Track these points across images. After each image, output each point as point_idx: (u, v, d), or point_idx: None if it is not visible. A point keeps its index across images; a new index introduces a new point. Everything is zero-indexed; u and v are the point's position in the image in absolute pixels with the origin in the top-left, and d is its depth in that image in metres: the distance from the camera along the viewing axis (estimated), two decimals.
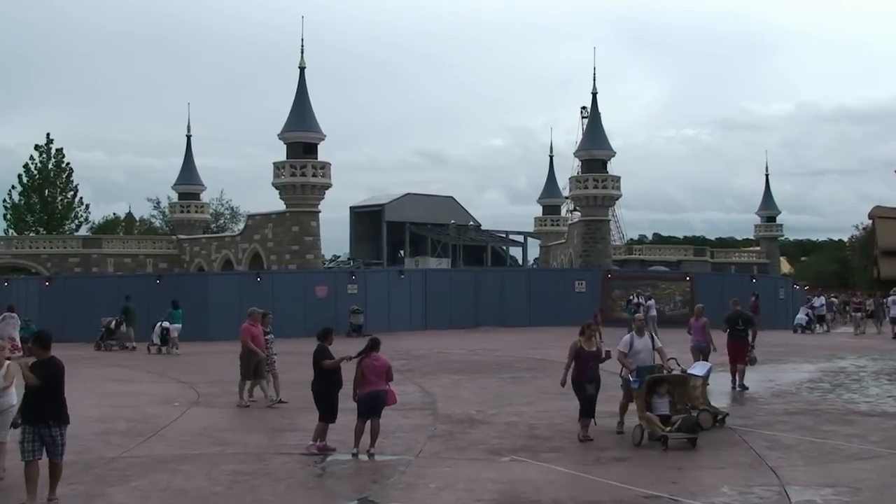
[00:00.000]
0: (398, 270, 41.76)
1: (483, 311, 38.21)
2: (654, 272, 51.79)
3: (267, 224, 51.87)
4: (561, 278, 40.63)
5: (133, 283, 35.58)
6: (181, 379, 20.32)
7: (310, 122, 49.58)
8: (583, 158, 58.07)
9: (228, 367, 23.04)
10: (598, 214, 56.40)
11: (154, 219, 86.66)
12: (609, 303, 38.54)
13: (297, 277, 36.81)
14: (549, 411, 15.20)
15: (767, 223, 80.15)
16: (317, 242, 50.14)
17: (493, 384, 19.02)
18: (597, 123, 57.22)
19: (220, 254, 55.93)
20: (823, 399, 16.47)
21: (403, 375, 20.04)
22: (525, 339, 31.30)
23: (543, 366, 22.67)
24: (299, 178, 48.64)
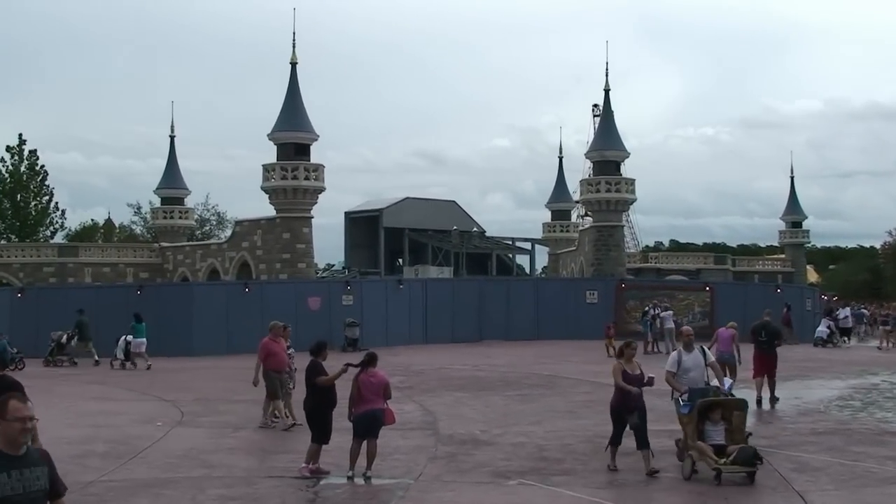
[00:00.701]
0: (397, 280, 41.76)
1: (488, 324, 38.18)
2: (672, 282, 51.74)
3: (256, 231, 51.90)
4: (571, 288, 40.62)
5: (112, 294, 35.60)
6: (164, 397, 20.31)
7: (302, 121, 49.64)
8: (594, 160, 58.12)
9: (214, 384, 23.10)
10: (610, 220, 56.41)
11: (135, 225, 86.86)
12: (623, 315, 38.51)
13: (289, 288, 36.81)
14: (559, 431, 15.16)
15: (793, 229, 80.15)
16: (309, 250, 50.14)
17: (499, 402, 18.99)
18: (609, 122, 57.27)
19: (206, 263, 55.94)
20: (854, 418, 16.43)
21: (402, 393, 20.02)
22: (533, 354, 31.25)
23: (552, 382, 22.64)
24: (290, 181, 48.67)
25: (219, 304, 33.22)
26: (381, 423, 11.49)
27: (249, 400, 19.70)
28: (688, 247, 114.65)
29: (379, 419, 11.44)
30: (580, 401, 19.04)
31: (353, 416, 11.46)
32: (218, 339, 32.54)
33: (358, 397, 11.38)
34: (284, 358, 15.97)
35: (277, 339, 15.92)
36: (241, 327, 33.05)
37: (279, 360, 15.85)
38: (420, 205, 76.28)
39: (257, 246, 51.36)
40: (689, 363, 12.04)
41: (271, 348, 15.75)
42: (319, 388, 11.73)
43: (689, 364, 12.03)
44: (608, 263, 55.00)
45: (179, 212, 65.38)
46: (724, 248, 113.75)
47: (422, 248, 75.90)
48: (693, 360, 12.09)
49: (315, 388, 11.77)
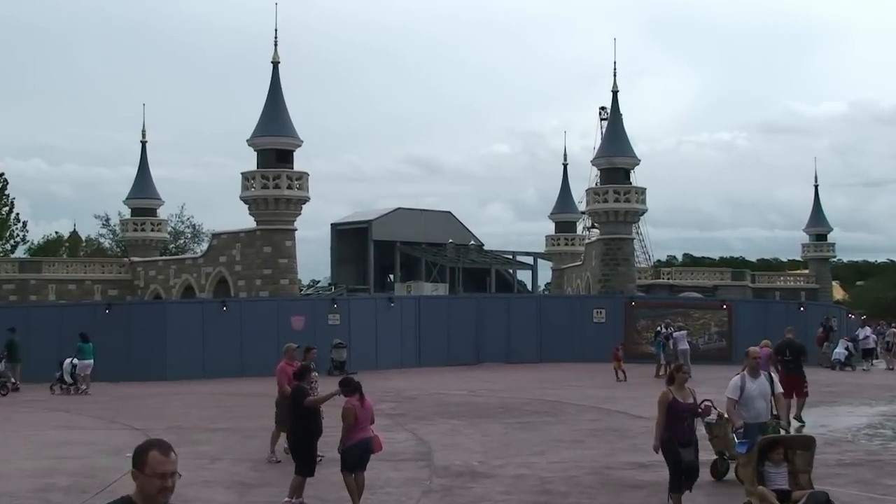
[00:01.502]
0: (387, 298, 41.73)
1: (486, 345, 38.18)
2: (686, 299, 51.77)
3: (234, 244, 51.89)
4: (577, 306, 40.64)
5: (78, 312, 35.55)
6: (134, 425, 20.23)
7: (284, 125, 49.72)
8: (602, 167, 58.22)
9: (189, 411, 23.05)
10: (619, 232, 56.51)
11: (103, 238, 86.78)
12: (633, 335, 38.53)
13: (270, 306, 36.78)
14: (564, 462, 15.13)
15: (817, 242, 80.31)
16: (292, 265, 50.12)
17: (499, 430, 18.96)
18: (618, 126, 57.45)
19: (180, 279, 55.88)
20: (885, 448, 16.42)
21: (393, 420, 19.97)
22: (535, 378, 31.21)
23: (557, 409, 22.61)
24: (272, 190, 48.70)
25: (194, 324, 33.17)
26: (371, 452, 11.51)
27: (227, 429, 19.67)
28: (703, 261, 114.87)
29: (370, 449, 11.47)
30: (587, 429, 19.01)
31: (345, 447, 11.40)
32: (193, 362, 32.49)
33: (354, 426, 11.37)
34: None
35: (293, 363, 15.42)
36: (219, 349, 33.03)
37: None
38: (413, 216, 76.39)
39: (236, 261, 51.32)
40: (755, 391, 11.07)
41: (290, 374, 14.93)
42: (307, 416, 11.69)
43: (755, 392, 11.09)
44: (617, 279, 55.03)
45: (151, 224, 65.37)
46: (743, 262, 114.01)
47: (415, 262, 75.94)
48: (759, 387, 11.13)
49: (302, 415, 11.73)
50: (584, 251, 65.06)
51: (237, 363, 33.08)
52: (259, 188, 48.86)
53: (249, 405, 24.21)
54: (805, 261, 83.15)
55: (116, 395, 27.29)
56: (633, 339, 38.17)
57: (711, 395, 14.97)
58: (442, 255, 72.97)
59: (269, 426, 16.90)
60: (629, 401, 23.99)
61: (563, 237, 74.29)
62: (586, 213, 66.37)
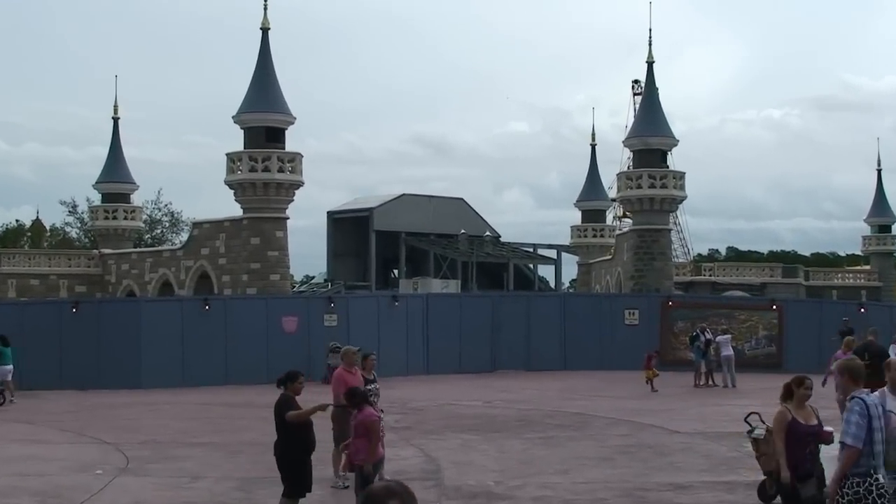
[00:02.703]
0: (391, 296, 41.75)
1: (503, 350, 38.16)
2: (731, 299, 51.62)
3: (218, 234, 51.95)
4: (606, 306, 40.59)
5: (42, 311, 35.63)
6: (104, 439, 20.32)
7: (275, 100, 49.73)
8: (635, 148, 58.08)
9: (167, 423, 23.11)
10: (655, 222, 56.38)
11: (70, 228, 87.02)
12: (670, 339, 38.46)
13: (258, 305, 36.84)
14: (591, 483, 15.15)
15: (880, 234, 79.98)
16: (284, 259, 50.18)
17: (517, 447, 18.98)
18: (654, 102, 57.30)
19: (157, 273, 56.00)
20: None
21: (398, 434, 20.00)
22: (559, 388, 31.21)
23: (583, 422, 22.61)
24: (261, 173, 48.72)
25: (172, 325, 33.23)
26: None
27: (210, 443, 19.73)
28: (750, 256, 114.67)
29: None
30: (617, 445, 19.01)
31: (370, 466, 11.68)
32: (171, 368, 32.56)
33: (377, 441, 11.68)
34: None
35: (352, 370, 15.41)
36: (200, 354, 33.10)
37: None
38: (420, 203, 76.34)
39: (220, 253, 51.40)
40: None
41: (349, 381, 14.76)
42: (293, 428, 11.72)
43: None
44: (652, 276, 54.93)
45: (124, 211, 65.48)
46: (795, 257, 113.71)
47: (422, 256, 75.93)
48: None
49: (287, 428, 11.76)
50: (615, 244, 64.98)
51: (221, 369, 33.13)
52: (246, 171, 48.88)
53: (235, 416, 24.26)
54: (866, 255, 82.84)
55: (85, 405, 27.39)
56: (669, 343, 38.09)
57: (759, 407, 14.97)
58: (453, 247, 72.91)
59: (255, 440, 16.97)
60: (665, 413, 23.97)
61: (591, 228, 74.15)
62: (617, 200, 66.30)
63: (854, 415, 8.35)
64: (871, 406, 8.39)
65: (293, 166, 49.60)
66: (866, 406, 8.37)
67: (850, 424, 8.31)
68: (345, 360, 15.72)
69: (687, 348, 35.31)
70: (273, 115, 49.47)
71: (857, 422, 8.30)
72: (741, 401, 25.14)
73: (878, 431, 8.37)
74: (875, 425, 8.34)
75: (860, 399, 8.44)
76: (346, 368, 15.46)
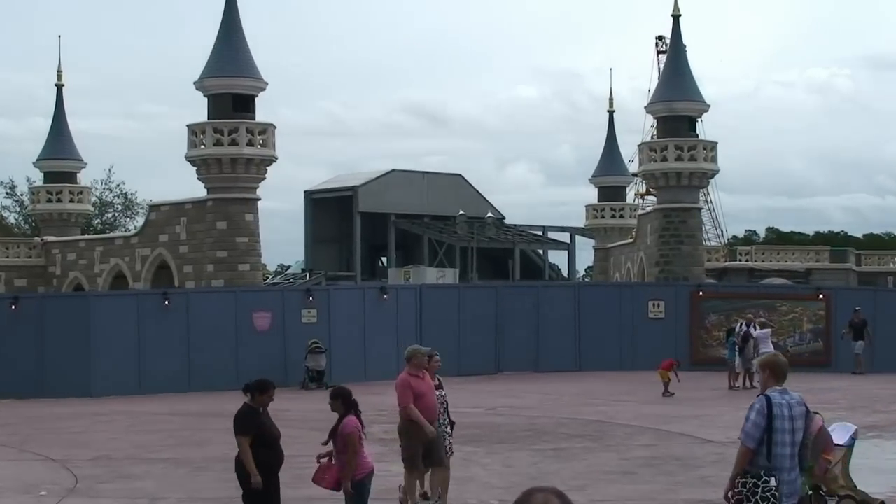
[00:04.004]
0: (379, 288, 41.75)
1: (509, 349, 38.18)
2: (771, 287, 51.68)
3: (178, 219, 51.90)
4: (627, 298, 40.61)
5: None
6: (50, 455, 20.33)
7: (243, 63, 49.62)
8: (659, 115, 58.04)
9: (122, 437, 23.11)
10: (683, 200, 56.37)
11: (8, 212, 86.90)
12: (701, 334, 38.50)
13: (226, 300, 36.82)
14: (611, 500, 15.20)
15: None
16: (255, 246, 50.15)
17: (525, 460, 19.01)
18: (680, 62, 57.20)
19: (108, 264, 55.96)
20: None
21: (388, 447, 19.99)
22: (573, 391, 31.25)
23: (601, 431, 22.65)
24: (227, 147, 48.65)
25: (127, 324, 33.21)
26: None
27: (171, 459, 19.75)
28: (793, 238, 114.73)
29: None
30: (640, 457, 19.05)
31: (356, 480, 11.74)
32: (126, 373, 32.57)
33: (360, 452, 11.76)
34: (433, 402, 14.57)
35: (421, 374, 14.57)
36: (159, 356, 33.09)
37: (430, 405, 14.45)
38: (411, 180, 76.27)
39: (181, 240, 51.37)
40: None
41: (419, 388, 14.35)
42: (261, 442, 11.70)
43: None
44: (679, 262, 54.95)
45: (70, 193, 65.38)
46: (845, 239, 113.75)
47: (414, 241, 75.89)
48: None
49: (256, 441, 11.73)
50: (637, 225, 64.95)
51: (183, 374, 33.15)
52: (210, 145, 48.81)
53: (199, 428, 24.27)
54: None
55: (26, 417, 27.37)
56: (700, 339, 38.15)
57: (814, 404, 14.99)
58: (450, 231, 72.88)
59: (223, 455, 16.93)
60: (695, 420, 24.02)
61: (609, 207, 74.12)
62: (639, 175, 66.24)
63: (752, 412, 9.15)
64: (775, 406, 9.11)
65: (265, 139, 49.51)
66: (769, 405, 9.11)
67: (747, 422, 9.14)
68: (411, 362, 14.70)
69: (721, 345, 35.36)
70: (241, 79, 49.36)
71: (754, 421, 9.10)
72: None
73: (781, 433, 9.09)
74: (777, 426, 9.07)
75: (764, 397, 9.20)
76: (412, 372, 14.53)
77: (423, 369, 14.66)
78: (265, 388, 11.94)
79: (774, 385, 9.35)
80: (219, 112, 49.25)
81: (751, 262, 75.40)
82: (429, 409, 14.34)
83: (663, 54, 74.80)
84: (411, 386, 14.33)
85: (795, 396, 9.40)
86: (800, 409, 9.31)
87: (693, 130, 57.49)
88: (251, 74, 49.56)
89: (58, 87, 65.52)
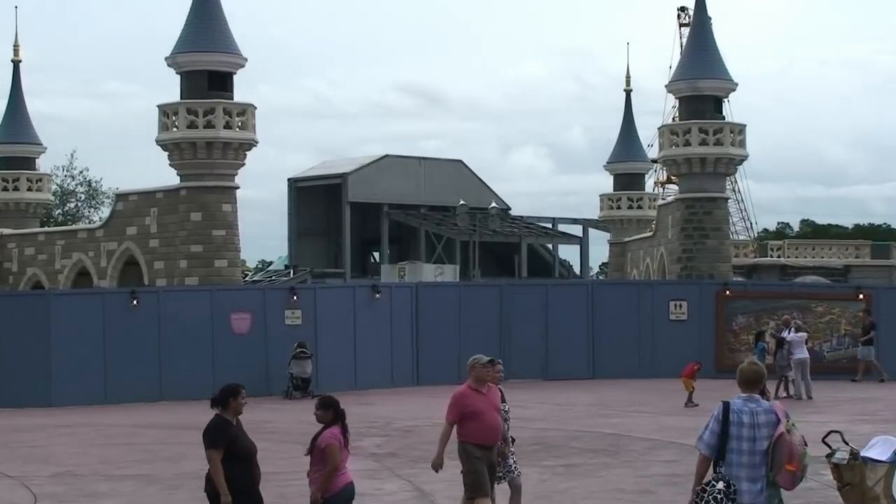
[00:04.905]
0: (371, 286, 41.74)
1: (514, 354, 38.10)
2: (805, 287, 51.67)
3: (148, 209, 51.88)
4: (646, 297, 40.61)
5: None
6: (6, 472, 20.32)
7: (220, 37, 49.59)
8: (682, 95, 58.03)
9: (85, 451, 23.09)
10: (708, 189, 56.40)
11: None
12: (727, 338, 38.49)
13: (201, 299, 36.80)
14: None
15: None
16: (233, 239, 50.14)
17: (532, 477, 18.99)
18: (705, 36, 57.19)
19: (71, 259, 55.96)
20: None
21: (380, 463, 20.03)
22: (585, 401, 31.26)
23: (617, 445, 22.66)
24: (202, 130, 48.61)
25: (91, 327, 33.19)
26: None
27: (140, 476, 19.78)
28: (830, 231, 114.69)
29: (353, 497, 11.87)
30: (660, 474, 19.06)
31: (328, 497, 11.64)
32: (90, 380, 32.55)
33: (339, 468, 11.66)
34: (497, 420, 13.85)
35: (483, 388, 13.79)
36: (127, 362, 33.07)
37: (488, 425, 13.71)
38: (407, 167, 76.28)
39: (151, 233, 51.37)
40: None
41: (475, 405, 13.67)
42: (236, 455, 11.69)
43: None
44: (704, 258, 54.98)
45: (28, 180, 65.36)
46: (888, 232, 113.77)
47: (410, 234, 75.93)
48: None
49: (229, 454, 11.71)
50: (657, 217, 65.02)
51: (153, 382, 33.15)
52: (184, 127, 48.81)
53: (172, 442, 24.25)
54: None
55: None
56: (727, 343, 38.14)
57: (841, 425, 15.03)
58: (449, 223, 72.90)
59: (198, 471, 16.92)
60: None
61: (626, 197, 74.19)
62: (659, 161, 66.28)
63: (711, 419, 9.94)
64: (732, 412, 9.84)
65: (244, 121, 49.50)
66: (725, 411, 9.86)
67: (705, 429, 9.95)
68: (472, 374, 13.85)
69: (749, 350, 35.38)
70: (217, 55, 49.33)
71: (710, 427, 9.89)
72: (818, 416, 25.22)
73: (737, 440, 9.79)
74: (733, 432, 9.78)
75: (722, 403, 9.95)
76: (474, 386, 13.75)
77: (486, 383, 13.84)
78: (237, 392, 11.76)
79: (742, 392, 9.97)
80: (193, 91, 49.21)
81: (783, 257, 75.50)
82: (485, 430, 13.61)
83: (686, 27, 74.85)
84: (465, 403, 13.66)
85: (765, 405, 9.94)
86: (767, 418, 9.81)
87: (719, 112, 57.53)
88: (229, 49, 49.52)
89: (14, 62, 65.47)
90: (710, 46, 56.76)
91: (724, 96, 58.47)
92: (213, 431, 11.66)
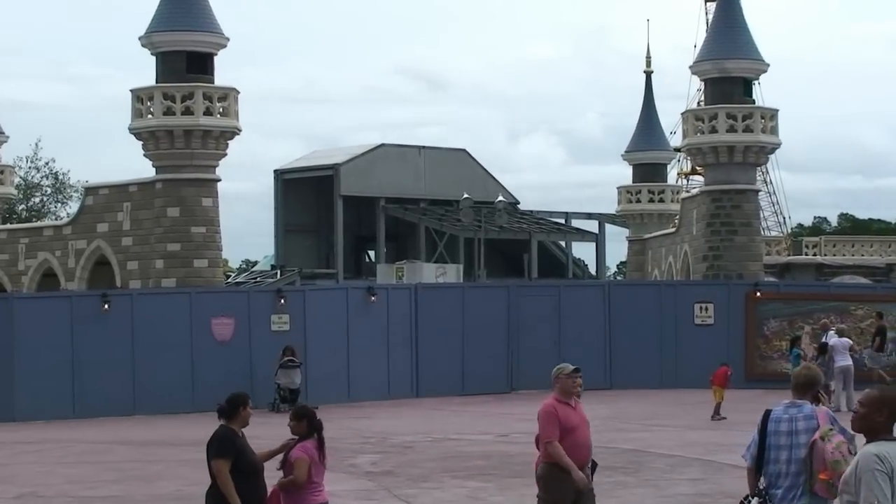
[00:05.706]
0: (366, 288, 41.77)
1: (524, 362, 38.19)
2: (844, 287, 51.64)
3: (121, 204, 51.93)
4: (669, 299, 40.64)
5: None
6: None
7: (199, 15, 49.64)
8: (707, 76, 58.06)
9: (52, 470, 23.13)
10: (736, 180, 56.40)
11: None
12: (758, 344, 38.48)
13: (179, 303, 36.84)
14: None
15: None
16: (214, 237, 50.19)
17: None
18: (733, 13, 57.18)
19: (35, 259, 56.05)
20: None
21: (375, 482, 20.05)
22: (602, 414, 31.22)
23: (637, 462, 22.68)
24: (180, 117, 48.66)
25: (59, 333, 33.20)
26: None
27: (111, 497, 19.79)
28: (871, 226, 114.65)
29: None
30: (684, 494, 19.08)
31: None
32: (58, 392, 32.55)
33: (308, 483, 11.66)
34: (586, 438, 13.83)
35: (570, 401, 13.78)
36: (98, 372, 33.09)
37: (582, 442, 13.70)
38: (405, 157, 76.29)
39: (124, 230, 51.44)
40: None
41: (568, 420, 13.58)
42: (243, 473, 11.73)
43: None
44: (732, 256, 55.00)
45: None
46: None
47: (409, 231, 75.96)
48: None
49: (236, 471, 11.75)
50: (680, 211, 65.07)
51: (127, 394, 33.15)
52: (160, 114, 48.85)
53: (147, 459, 24.28)
54: None
55: None
56: (757, 349, 38.12)
57: None
58: (452, 218, 72.95)
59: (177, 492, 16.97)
60: None
61: (646, 189, 74.27)
62: (682, 150, 66.29)
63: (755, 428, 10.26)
64: (771, 420, 10.07)
65: (225, 107, 49.55)
66: (765, 419, 10.12)
67: (751, 439, 10.32)
68: (557, 385, 13.85)
69: (783, 357, 35.37)
70: (197, 34, 49.37)
71: (753, 436, 10.25)
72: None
73: (775, 449, 9.98)
74: (771, 442, 10.01)
75: (765, 412, 10.22)
76: (560, 398, 13.69)
77: (571, 394, 13.76)
78: (246, 401, 11.96)
79: (793, 398, 10.17)
80: (170, 74, 49.25)
81: (819, 255, 75.43)
82: (578, 448, 13.49)
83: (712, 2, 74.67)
84: (559, 416, 13.43)
85: (806, 410, 9.94)
86: (807, 424, 9.83)
87: (749, 95, 57.51)
88: (209, 28, 49.57)
89: None
90: (738, 23, 56.75)
91: (755, 78, 58.46)
92: (221, 441, 11.74)
